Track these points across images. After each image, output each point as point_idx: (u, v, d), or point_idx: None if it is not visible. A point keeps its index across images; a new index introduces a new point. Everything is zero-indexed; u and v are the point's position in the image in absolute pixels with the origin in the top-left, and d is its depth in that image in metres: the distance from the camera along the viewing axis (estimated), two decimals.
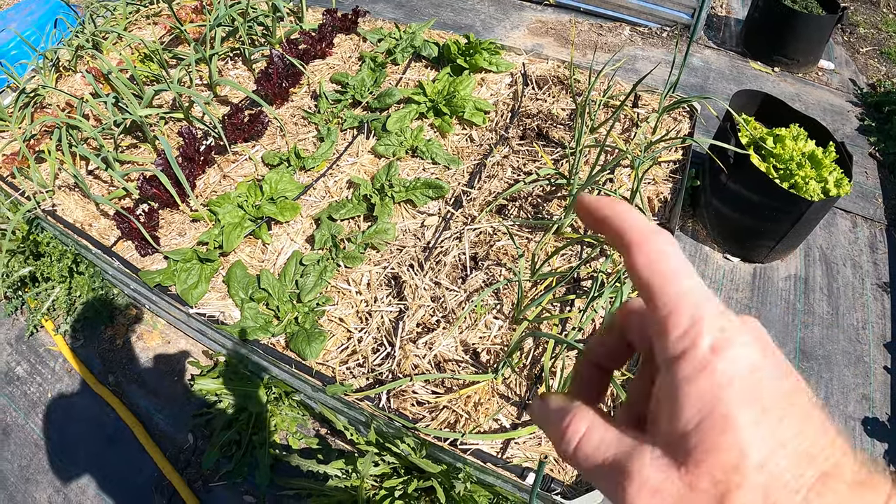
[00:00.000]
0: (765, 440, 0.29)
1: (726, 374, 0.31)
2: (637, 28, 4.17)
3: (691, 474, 0.30)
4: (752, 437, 0.29)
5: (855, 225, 2.96)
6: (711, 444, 0.30)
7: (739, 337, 0.32)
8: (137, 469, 2.15)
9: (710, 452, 0.30)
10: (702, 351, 0.32)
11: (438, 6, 4.35)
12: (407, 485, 1.79)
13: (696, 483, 0.29)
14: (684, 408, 0.31)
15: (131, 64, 2.49)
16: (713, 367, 0.31)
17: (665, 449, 0.32)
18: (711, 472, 0.29)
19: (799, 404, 0.31)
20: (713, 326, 0.32)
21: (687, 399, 0.31)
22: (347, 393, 1.70)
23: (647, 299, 0.35)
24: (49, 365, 2.47)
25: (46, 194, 2.35)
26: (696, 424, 0.30)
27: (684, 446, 0.30)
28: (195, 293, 1.97)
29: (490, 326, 1.84)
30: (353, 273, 2.03)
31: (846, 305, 2.63)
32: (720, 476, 0.29)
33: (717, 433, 0.30)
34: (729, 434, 0.29)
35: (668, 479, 0.30)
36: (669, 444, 0.31)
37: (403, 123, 2.43)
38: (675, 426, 0.31)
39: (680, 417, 0.31)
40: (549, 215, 2.14)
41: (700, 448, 0.30)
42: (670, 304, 0.34)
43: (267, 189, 2.22)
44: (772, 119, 2.74)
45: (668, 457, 0.31)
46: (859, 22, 4.39)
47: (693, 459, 0.30)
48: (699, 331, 0.32)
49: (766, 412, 0.30)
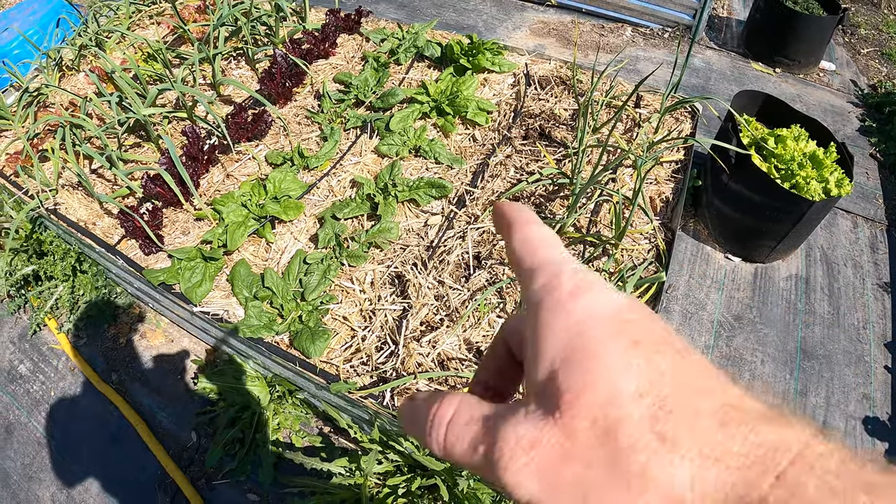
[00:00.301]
0: (640, 368, 0.27)
1: (588, 311, 0.29)
2: (639, 29, 4.18)
3: (565, 417, 0.27)
4: (624, 365, 0.27)
5: (856, 225, 2.97)
6: (579, 381, 0.27)
7: (601, 283, 0.31)
8: (141, 467, 2.16)
9: (580, 391, 0.27)
10: (561, 293, 0.30)
11: (441, 7, 4.36)
12: (410, 482, 1.79)
13: (571, 426, 0.27)
14: (546, 351, 0.29)
15: (135, 63, 2.49)
16: (571, 307, 0.29)
17: (537, 402, 0.29)
18: (586, 411, 0.26)
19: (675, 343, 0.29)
20: (573, 276, 0.31)
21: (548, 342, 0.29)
22: (351, 391, 1.71)
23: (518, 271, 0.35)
24: (52, 363, 2.48)
25: (50, 193, 2.35)
26: (560, 364, 0.28)
27: (553, 390, 0.28)
28: (199, 291, 1.97)
29: (493, 325, 1.85)
30: (356, 272, 2.03)
31: (847, 305, 2.63)
32: (597, 412, 0.26)
33: (584, 370, 0.27)
34: (597, 366, 0.27)
35: (542, 430, 0.27)
36: (540, 396, 0.29)
37: (406, 123, 2.44)
38: (540, 374, 0.29)
39: (542, 362, 0.29)
40: (551, 215, 2.15)
41: (569, 387, 0.27)
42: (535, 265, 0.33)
43: (271, 188, 2.23)
44: (773, 120, 2.75)
45: (541, 408, 0.28)
46: (860, 23, 4.40)
47: (564, 401, 0.27)
48: (559, 278, 0.31)
49: (638, 345, 0.28)
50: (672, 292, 2.62)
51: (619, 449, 0.25)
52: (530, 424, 0.28)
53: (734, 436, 0.25)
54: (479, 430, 0.30)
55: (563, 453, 0.27)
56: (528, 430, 0.28)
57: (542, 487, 0.27)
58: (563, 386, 0.27)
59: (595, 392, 0.26)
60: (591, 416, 0.26)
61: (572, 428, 0.27)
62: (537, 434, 0.27)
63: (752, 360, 2.40)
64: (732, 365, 2.38)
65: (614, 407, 0.26)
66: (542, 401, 0.28)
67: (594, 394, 0.26)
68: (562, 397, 0.27)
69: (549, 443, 0.27)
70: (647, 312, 0.30)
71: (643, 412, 0.26)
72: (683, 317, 2.53)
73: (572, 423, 0.27)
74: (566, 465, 0.26)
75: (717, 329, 2.50)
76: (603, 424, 0.26)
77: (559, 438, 0.27)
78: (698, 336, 2.47)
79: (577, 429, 0.26)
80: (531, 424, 0.28)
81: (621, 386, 0.26)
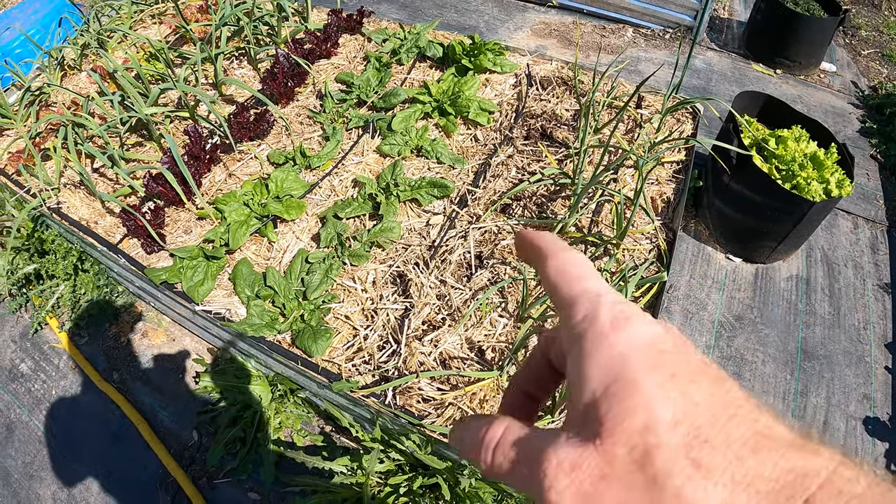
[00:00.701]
0: (676, 400, 0.29)
1: (628, 343, 0.31)
2: (640, 30, 4.19)
3: (605, 443, 0.29)
4: (661, 396, 0.29)
5: (856, 226, 2.98)
6: (620, 409, 0.29)
7: (639, 315, 0.33)
8: (142, 466, 2.16)
9: (619, 418, 0.29)
10: (602, 325, 0.32)
11: (442, 7, 4.36)
12: (412, 482, 1.79)
13: (611, 452, 0.28)
14: (589, 380, 0.31)
15: (137, 63, 2.50)
16: (614, 338, 0.31)
17: (579, 428, 0.31)
18: (625, 438, 0.28)
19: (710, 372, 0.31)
20: (612, 308, 0.33)
21: (590, 372, 0.31)
22: (353, 390, 1.71)
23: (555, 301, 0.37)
24: (53, 362, 2.48)
25: (52, 192, 2.36)
26: (601, 393, 0.30)
27: (594, 419, 0.30)
28: (201, 290, 1.98)
29: (495, 324, 1.85)
30: (358, 271, 2.03)
31: (847, 306, 2.64)
32: (636, 440, 0.28)
33: (624, 398, 0.29)
34: (636, 396, 0.29)
35: (583, 454, 0.29)
36: (581, 423, 0.31)
37: (408, 123, 2.44)
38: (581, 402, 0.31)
39: (585, 391, 0.31)
40: (553, 215, 2.15)
41: (609, 416, 0.29)
42: (573, 297, 0.35)
43: (273, 187, 2.23)
44: (774, 120, 2.75)
45: (582, 434, 0.30)
46: (861, 24, 4.41)
47: (605, 429, 0.29)
48: (598, 310, 0.33)
49: (675, 377, 0.30)
50: (673, 292, 2.62)
51: (656, 474, 0.27)
52: (571, 448, 0.30)
53: (765, 462, 0.26)
54: (524, 452, 0.33)
55: (602, 476, 0.28)
56: (569, 454, 0.29)
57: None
58: (603, 414, 0.29)
59: (634, 420, 0.28)
60: (630, 442, 0.28)
61: (612, 454, 0.28)
62: (578, 458, 0.29)
63: (753, 361, 2.41)
64: (733, 365, 2.38)
65: (652, 434, 0.28)
66: (583, 427, 0.30)
67: (633, 421, 0.28)
68: (603, 424, 0.29)
69: (589, 466, 0.29)
70: (683, 341, 0.32)
71: (679, 440, 0.27)
72: (684, 317, 2.54)
73: (612, 448, 0.28)
74: (605, 487, 0.28)
75: (717, 329, 2.50)
76: (641, 450, 0.28)
77: (599, 462, 0.28)
78: (699, 336, 2.47)
79: (617, 454, 0.28)
80: (572, 448, 0.30)
81: (659, 415, 0.28)
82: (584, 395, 0.31)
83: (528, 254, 0.41)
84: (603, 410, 0.29)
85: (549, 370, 0.43)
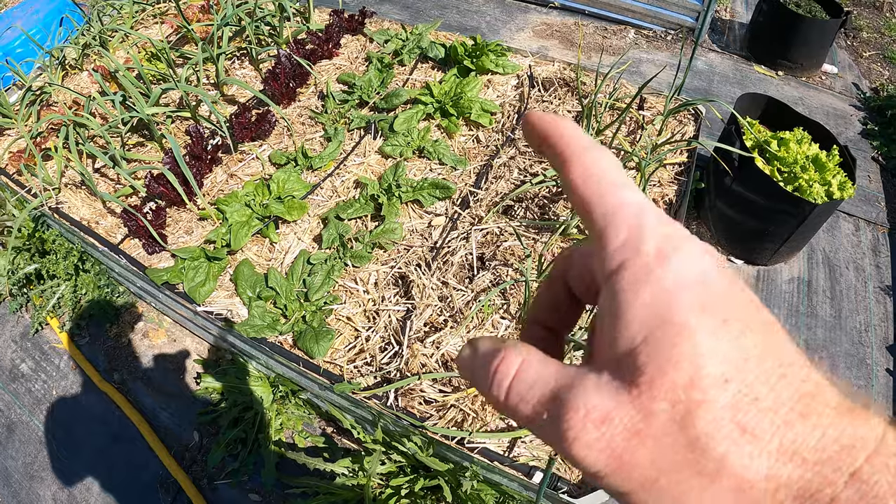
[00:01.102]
0: (727, 353, 0.25)
1: (676, 280, 0.27)
2: (642, 31, 4.18)
3: (644, 395, 0.25)
4: (713, 348, 0.25)
5: (858, 228, 2.98)
6: (665, 358, 0.25)
7: (687, 244, 0.28)
8: (142, 466, 2.15)
9: (663, 369, 0.25)
10: (645, 258, 0.28)
11: (444, 8, 4.36)
12: (413, 483, 1.79)
13: (649, 406, 0.25)
14: (630, 322, 0.27)
15: (138, 62, 2.49)
16: (660, 273, 0.27)
17: (612, 373, 0.27)
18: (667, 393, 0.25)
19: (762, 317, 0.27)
20: (656, 232, 0.28)
21: (632, 312, 0.27)
22: (355, 391, 1.71)
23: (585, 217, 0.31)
24: (54, 362, 2.48)
25: (53, 192, 2.35)
26: (644, 338, 0.26)
27: (633, 365, 0.26)
28: (203, 291, 1.97)
29: (497, 326, 1.85)
30: (360, 272, 2.03)
31: (849, 308, 2.64)
32: (678, 395, 0.25)
33: (671, 345, 0.25)
34: (683, 344, 0.25)
35: (617, 404, 0.26)
36: (616, 367, 0.27)
37: (410, 124, 2.44)
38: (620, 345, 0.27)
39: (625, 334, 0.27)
40: (555, 216, 2.15)
41: (651, 365, 0.25)
42: (608, 215, 0.30)
43: (274, 188, 2.23)
44: (776, 122, 2.75)
45: (616, 381, 0.26)
46: (862, 26, 4.41)
47: (644, 379, 0.25)
48: (641, 237, 0.28)
49: (727, 323, 0.26)
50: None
51: (698, 436, 0.24)
52: (604, 397, 0.26)
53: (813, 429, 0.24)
54: (546, 394, 0.29)
55: (637, 433, 0.25)
56: (600, 402, 0.26)
57: (612, 465, 0.26)
58: (644, 362, 0.26)
59: (679, 373, 0.25)
60: (673, 398, 0.25)
61: (650, 409, 0.25)
62: (611, 409, 0.26)
63: None
64: None
65: (698, 391, 0.25)
66: (618, 373, 0.27)
67: (678, 374, 0.25)
68: (642, 374, 0.26)
69: (622, 420, 0.26)
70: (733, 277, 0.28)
71: (727, 400, 0.25)
72: None
73: (651, 403, 0.25)
74: (640, 446, 0.25)
75: None
76: (683, 408, 0.25)
77: (635, 417, 0.25)
78: None
79: (656, 410, 0.25)
80: (605, 397, 0.26)
81: (708, 370, 0.25)
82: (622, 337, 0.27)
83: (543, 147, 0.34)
84: (643, 358, 0.26)
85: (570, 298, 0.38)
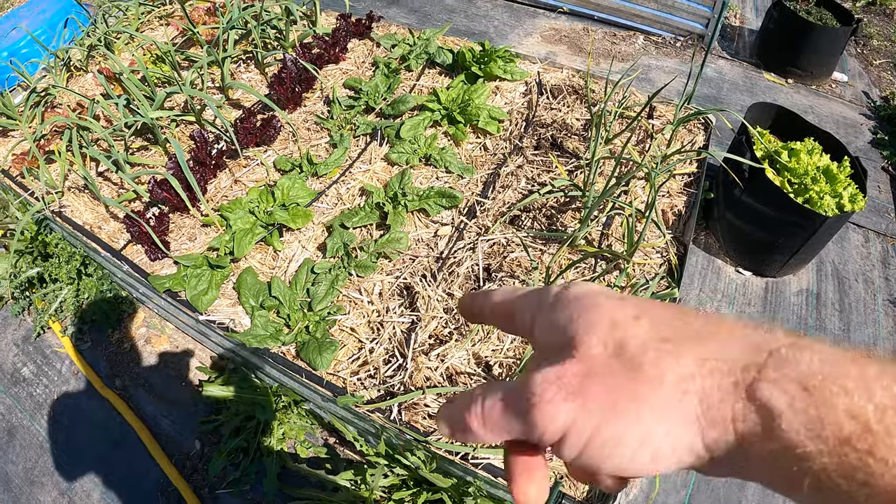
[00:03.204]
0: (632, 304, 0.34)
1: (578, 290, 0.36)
2: (651, 37, 4.15)
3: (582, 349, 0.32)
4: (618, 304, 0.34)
5: (867, 240, 2.94)
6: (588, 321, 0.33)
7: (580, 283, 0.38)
8: (143, 474, 2.14)
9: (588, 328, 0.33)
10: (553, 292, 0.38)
11: (452, 12, 4.33)
12: (416, 497, 1.77)
13: (588, 354, 0.32)
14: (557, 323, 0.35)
15: (143, 65, 2.47)
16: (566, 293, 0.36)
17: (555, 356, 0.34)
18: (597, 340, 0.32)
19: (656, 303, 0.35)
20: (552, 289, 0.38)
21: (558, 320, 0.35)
22: (358, 404, 1.69)
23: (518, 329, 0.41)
24: (55, 367, 2.46)
25: (56, 195, 2.34)
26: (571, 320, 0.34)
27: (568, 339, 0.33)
28: (205, 299, 1.95)
29: (503, 339, 1.83)
30: (364, 282, 2.01)
31: (857, 321, 2.60)
32: (606, 338, 0.32)
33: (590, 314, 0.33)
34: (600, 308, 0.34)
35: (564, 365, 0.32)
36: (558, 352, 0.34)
37: (417, 131, 2.41)
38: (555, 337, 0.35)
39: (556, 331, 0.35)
40: (563, 227, 2.12)
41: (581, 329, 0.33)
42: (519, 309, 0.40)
43: (279, 195, 2.21)
44: (786, 132, 2.72)
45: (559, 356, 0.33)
46: (873, 34, 4.37)
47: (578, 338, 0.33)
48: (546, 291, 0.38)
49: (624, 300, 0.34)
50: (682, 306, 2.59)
51: (633, 356, 0.31)
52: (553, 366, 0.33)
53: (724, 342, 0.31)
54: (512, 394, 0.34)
55: (585, 373, 0.31)
56: (551, 369, 0.32)
57: (575, 407, 0.31)
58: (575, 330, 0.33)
59: (601, 325, 0.33)
60: (602, 341, 0.32)
61: (589, 355, 0.32)
62: (560, 369, 0.32)
63: None
64: None
65: (619, 329, 0.32)
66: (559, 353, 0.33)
67: (600, 326, 0.33)
68: (575, 337, 0.33)
69: (572, 371, 0.32)
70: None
71: (644, 329, 0.32)
72: None
73: (588, 351, 0.32)
74: (591, 380, 0.31)
75: None
76: (613, 343, 0.32)
77: (580, 366, 0.32)
78: None
79: (594, 354, 0.32)
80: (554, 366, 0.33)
81: (620, 315, 0.33)
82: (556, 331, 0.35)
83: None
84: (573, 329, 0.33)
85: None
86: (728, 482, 2.09)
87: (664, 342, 0.31)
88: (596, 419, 0.30)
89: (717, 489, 2.07)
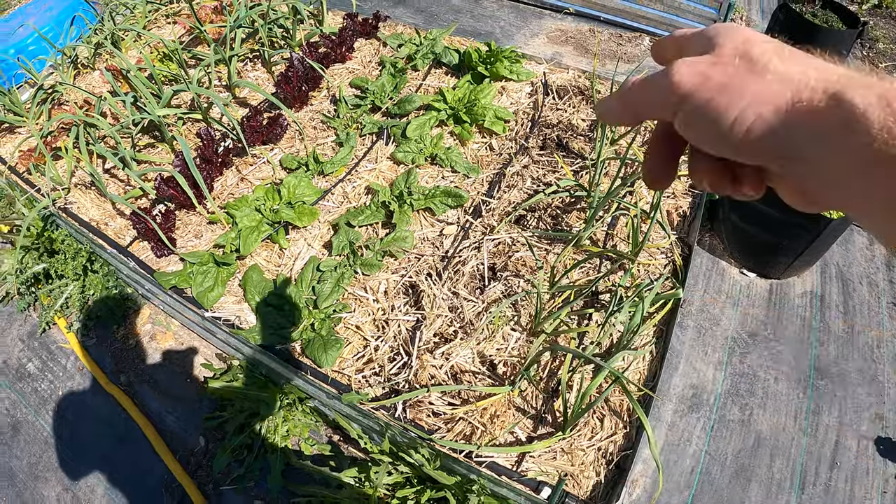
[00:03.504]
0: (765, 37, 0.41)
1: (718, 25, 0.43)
2: (657, 39, 4.15)
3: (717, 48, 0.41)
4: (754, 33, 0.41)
5: (872, 242, 2.94)
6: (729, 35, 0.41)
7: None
8: (147, 470, 2.14)
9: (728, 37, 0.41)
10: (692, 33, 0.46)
11: (458, 12, 4.33)
12: (420, 495, 1.77)
13: (720, 52, 0.40)
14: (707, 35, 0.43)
15: (150, 63, 2.48)
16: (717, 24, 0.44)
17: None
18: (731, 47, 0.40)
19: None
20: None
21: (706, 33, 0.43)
22: (363, 402, 1.69)
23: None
24: (61, 362, 2.47)
25: (62, 192, 2.35)
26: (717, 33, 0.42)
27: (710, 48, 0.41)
28: (211, 296, 1.96)
29: (507, 338, 1.83)
30: (370, 280, 2.02)
31: (862, 323, 2.60)
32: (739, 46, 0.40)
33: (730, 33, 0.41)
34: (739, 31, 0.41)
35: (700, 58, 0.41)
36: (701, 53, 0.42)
37: (423, 130, 2.42)
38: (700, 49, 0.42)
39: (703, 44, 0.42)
40: (568, 227, 2.13)
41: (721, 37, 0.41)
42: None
43: (285, 193, 2.21)
44: None
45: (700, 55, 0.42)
46: (878, 36, 4.37)
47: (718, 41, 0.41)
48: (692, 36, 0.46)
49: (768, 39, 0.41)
50: (687, 307, 2.59)
51: (754, 57, 0.39)
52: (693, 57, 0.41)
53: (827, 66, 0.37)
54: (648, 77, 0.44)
55: (714, 64, 0.40)
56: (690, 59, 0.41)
57: (697, 80, 0.39)
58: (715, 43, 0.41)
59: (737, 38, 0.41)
60: (735, 47, 0.40)
61: (721, 52, 0.40)
62: (698, 58, 0.41)
63: (766, 378, 2.37)
64: (746, 382, 2.35)
65: (750, 44, 0.40)
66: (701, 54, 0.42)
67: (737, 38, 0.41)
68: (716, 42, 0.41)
69: (705, 60, 0.40)
70: None
71: (770, 46, 0.39)
72: (697, 332, 2.51)
73: (721, 50, 0.41)
74: (716, 69, 0.39)
75: (731, 345, 2.47)
76: (742, 50, 0.40)
77: (713, 58, 0.40)
78: (712, 352, 2.44)
79: (724, 52, 0.40)
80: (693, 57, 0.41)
81: (756, 37, 0.41)
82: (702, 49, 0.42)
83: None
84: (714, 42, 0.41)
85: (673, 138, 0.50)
86: (730, 483, 2.09)
87: (781, 56, 0.38)
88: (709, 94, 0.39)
89: (721, 489, 2.08)
